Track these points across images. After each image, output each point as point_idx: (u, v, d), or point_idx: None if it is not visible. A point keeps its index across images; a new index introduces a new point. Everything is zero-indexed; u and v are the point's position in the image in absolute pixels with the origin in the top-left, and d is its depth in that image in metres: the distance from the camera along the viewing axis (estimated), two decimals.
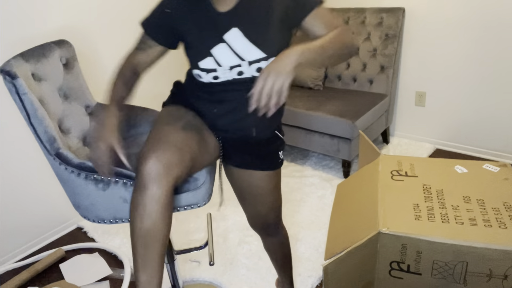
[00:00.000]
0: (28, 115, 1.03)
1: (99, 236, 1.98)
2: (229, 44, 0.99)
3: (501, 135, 2.34)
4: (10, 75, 1.00)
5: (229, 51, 0.99)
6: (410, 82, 2.60)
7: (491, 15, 2.16)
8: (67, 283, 1.64)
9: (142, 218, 0.88)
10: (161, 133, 0.95)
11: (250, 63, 1.00)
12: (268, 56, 0.99)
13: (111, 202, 1.06)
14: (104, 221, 1.10)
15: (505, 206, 1.11)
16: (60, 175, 1.08)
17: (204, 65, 1.01)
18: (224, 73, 1.01)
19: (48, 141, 1.06)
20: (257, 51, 0.99)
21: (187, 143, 0.97)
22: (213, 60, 1.00)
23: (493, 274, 1.01)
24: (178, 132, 0.97)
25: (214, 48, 0.99)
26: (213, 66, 1.00)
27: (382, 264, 1.12)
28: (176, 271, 1.37)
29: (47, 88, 1.16)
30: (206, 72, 1.01)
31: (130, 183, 1.03)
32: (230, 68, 1.00)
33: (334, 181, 2.30)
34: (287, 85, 0.86)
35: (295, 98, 2.45)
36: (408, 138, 2.76)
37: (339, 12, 2.64)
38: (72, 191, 1.08)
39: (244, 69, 1.00)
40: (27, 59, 1.11)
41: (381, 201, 1.19)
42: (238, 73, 1.01)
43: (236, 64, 1.00)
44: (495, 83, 2.27)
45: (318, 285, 1.56)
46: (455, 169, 1.33)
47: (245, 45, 0.99)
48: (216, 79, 1.03)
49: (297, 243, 1.80)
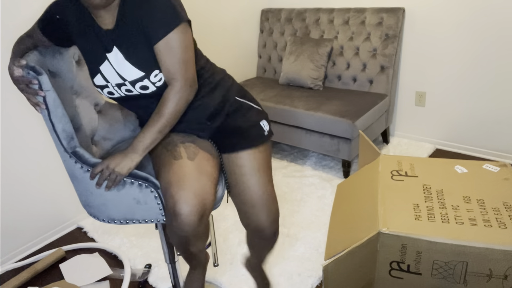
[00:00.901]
0: (48, 112, 1.03)
1: (99, 236, 1.98)
2: (111, 63, 1.04)
3: (501, 135, 2.34)
4: (35, 70, 0.99)
5: (112, 70, 1.04)
6: (410, 82, 2.60)
7: (491, 15, 2.16)
8: (67, 283, 1.64)
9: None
10: (176, 170, 0.99)
11: (131, 83, 1.05)
12: (146, 74, 1.03)
13: (124, 202, 1.07)
14: (115, 221, 1.10)
15: (505, 206, 1.11)
16: (74, 174, 1.08)
17: (97, 82, 1.06)
18: (116, 90, 1.06)
19: (66, 138, 1.06)
20: (136, 71, 1.03)
21: (202, 165, 1.03)
22: (102, 77, 1.05)
23: (493, 274, 1.01)
24: (188, 163, 1.03)
25: (102, 65, 1.05)
26: (103, 82, 1.06)
27: (382, 264, 1.12)
28: (177, 271, 1.37)
29: (61, 85, 1.17)
30: (100, 88, 1.07)
31: (145, 185, 1.04)
32: (116, 85, 1.05)
33: (334, 181, 2.30)
34: (120, 179, 1.02)
35: (295, 98, 2.46)
36: (408, 138, 2.76)
37: (339, 12, 2.65)
38: (85, 190, 1.08)
39: (136, 87, 1.06)
40: (44, 54, 1.11)
41: (381, 201, 1.19)
42: (126, 91, 1.06)
43: (121, 83, 1.05)
44: (495, 83, 2.27)
45: (318, 285, 1.56)
46: (455, 169, 1.33)
47: (124, 66, 1.04)
48: (112, 95, 1.07)
49: (297, 243, 1.80)
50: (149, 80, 1.03)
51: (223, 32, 2.83)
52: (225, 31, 2.85)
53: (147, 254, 1.82)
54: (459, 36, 2.30)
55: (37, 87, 0.99)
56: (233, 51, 2.97)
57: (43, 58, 1.10)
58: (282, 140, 2.50)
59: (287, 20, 2.94)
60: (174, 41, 0.99)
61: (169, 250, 1.31)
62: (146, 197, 1.05)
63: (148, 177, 1.05)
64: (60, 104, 1.04)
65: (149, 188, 1.04)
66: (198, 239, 1.01)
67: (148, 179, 1.04)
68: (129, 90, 1.06)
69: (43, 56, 1.11)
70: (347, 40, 2.61)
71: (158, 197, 1.05)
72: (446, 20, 2.32)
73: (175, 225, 0.95)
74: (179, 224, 0.94)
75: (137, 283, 1.65)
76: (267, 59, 3.10)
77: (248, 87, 2.80)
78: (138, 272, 1.70)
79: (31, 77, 0.98)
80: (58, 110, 1.04)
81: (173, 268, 1.36)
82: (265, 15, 3.07)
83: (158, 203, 1.07)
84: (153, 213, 1.08)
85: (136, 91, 1.06)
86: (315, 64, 2.59)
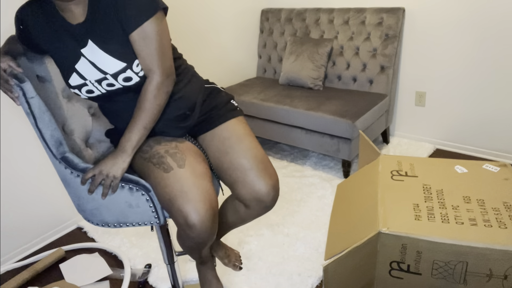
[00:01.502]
0: (35, 119, 1.03)
1: (99, 236, 1.98)
2: (88, 59, 0.99)
3: (501, 135, 2.34)
4: (18, 78, 0.99)
5: (90, 66, 1.00)
6: (410, 82, 2.60)
7: (491, 15, 2.16)
8: (67, 283, 1.64)
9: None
10: (173, 183, 0.97)
11: (114, 76, 1.00)
12: (128, 64, 0.99)
13: (116, 206, 1.07)
14: (108, 225, 1.10)
15: (505, 206, 1.11)
16: (65, 179, 1.08)
17: (72, 82, 1.02)
18: (96, 87, 1.02)
19: (54, 144, 1.06)
20: (116, 62, 0.99)
21: (194, 168, 1.01)
22: (78, 75, 1.01)
23: (493, 274, 1.01)
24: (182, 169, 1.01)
25: (77, 63, 1.00)
26: (81, 81, 1.01)
27: (382, 264, 1.12)
28: (176, 271, 1.37)
29: (51, 89, 1.16)
30: (78, 89, 1.02)
31: (136, 188, 1.04)
32: (96, 81, 1.01)
33: (334, 181, 2.30)
34: (117, 183, 1.01)
35: (295, 98, 2.46)
36: (408, 138, 2.76)
37: (339, 12, 2.65)
38: (77, 195, 1.08)
39: (119, 80, 1.01)
40: (32, 60, 1.11)
41: (381, 201, 1.19)
42: (107, 85, 1.02)
43: (101, 78, 1.00)
44: (495, 83, 2.27)
45: (318, 285, 1.56)
46: (455, 169, 1.33)
47: (103, 59, 0.99)
48: (92, 93, 1.03)
49: (297, 243, 1.80)
50: (131, 70, 0.99)
51: (223, 32, 2.83)
52: (225, 31, 2.85)
53: (147, 254, 1.82)
54: (459, 36, 2.30)
55: (13, 84, 0.99)
56: (233, 51, 2.97)
57: (31, 64, 1.10)
58: (282, 140, 2.50)
59: (287, 20, 2.94)
60: (150, 30, 0.95)
61: (168, 250, 1.31)
62: (138, 200, 1.05)
63: (139, 180, 1.05)
64: (46, 110, 1.03)
65: (140, 191, 1.04)
66: (211, 239, 1.01)
67: (138, 182, 1.04)
68: (111, 84, 1.01)
69: (31, 62, 1.11)
70: (347, 40, 2.61)
71: (150, 200, 1.05)
72: (446, 20, 2.32)
73: (191, 235, 0.95)
74: (195, 233, 0.94)
75: (137, 283, 1.65)
76: (267, 59, 3.10)
77: (248, 87, 2.80)
78: (138, 272, 1.70)
79: (13, 84, 0.99)
80: (45, 116, 1.04)
81: (172, 268, 1.36)
82: (265, 15, 3.07)
83: (151, 206, 1.07)
84: (146, 216, 1.08)
85: (119, 84, 1.01)
86: (315, 64, 2.59)
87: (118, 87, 1.03)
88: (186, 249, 1.08)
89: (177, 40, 2.50)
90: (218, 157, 1.13)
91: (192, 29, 2.59)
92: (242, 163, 1.08)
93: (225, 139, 1.13)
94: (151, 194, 1.05)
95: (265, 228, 1.92)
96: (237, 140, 1.12)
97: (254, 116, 2.58)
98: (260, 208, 1.11)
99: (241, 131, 1.15)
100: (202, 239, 0.96)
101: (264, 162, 1.10)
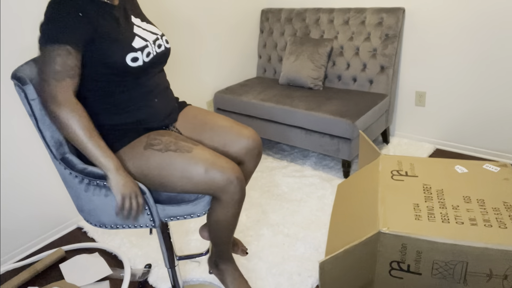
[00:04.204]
0: (36, 120, 1.05)
1: (99, 236, 1.98)
2: (138, 25, 1.16)
3: (501, 135, 2.34)
4: (20, 80, 1.01)
5: (142, 30, 1.15)
6: (410, 82, 2.60)
7: (491, 15, 2.16)
8: (67, 283, 1.64)
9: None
10: (200, 155, 1.08)
11: (161, 36, 1.19)
12: (161, 33, 1.21)
13: (111, 209, 1.07)
14: (106, 226, 1.11)
15: (505, 206, 1.11)
16: (65, 179, 1.09)
17: (137, 44, 1.10)
18: (152, 48, 1.15)
19: (54, 145, 1.07)
20: (155, 28, 1.21)
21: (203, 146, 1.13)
22: (140, 38, 1.12)
23: (493, 274, 1.01)
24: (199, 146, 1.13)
25: (134, 29, 1.14)
26: (143, 43, 1.12)
27: (382, 264, 1.12)
28: (176, 272, 1.37)
29: None
30: (141, 51, 1.10)
31: None
32: (153, 42, 1.15)
33: (334, 181, 2.30)
34: (139, 196, 1.03)
35: (295, 98, 2.46)
36: (408, 138, 2.76)
37: (339, 12, 2.65)
38: (76, 195, 1.09)
39: (163, 41, 1.19)
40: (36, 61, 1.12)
41: (381, 201, 1.19)
42: (158, 46, 1.17)
43: (155, 38, 1.17)
44: (495, 83, 2.27)
45: (318, 285, 1.56)
46: (455, 169, 1.33)
47: (147, 25, 1.19)
48: (149, 56, 1.12)
49: (297, 243, 1.80)
50: (161, 39, 1.19)
51: (223, 32, 2.83)
52: (225, 31, 2.85)
53: (147, 254, 1.82)
54: (459, 36, 2.30)
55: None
56: (233, 51, 2.97)
57: (34, 66, 1.10)
58: (282, 140, 2.50)
59: (287, 20, 2.94)
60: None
61: (169, 254, 1.31)
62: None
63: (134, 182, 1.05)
64: None
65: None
66: (244, 195, 1.14)
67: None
68: (160, 45, 1.17)
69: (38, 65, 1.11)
70: (347, 40, 2.61)
71: (145, 202, 1.06)
72: (446, 20, 2.32)
73: (233, 191, 1.08)
74: (237, 188, 1.07)
75: (137, 283, 1.65)
76: (267, 59, 3.10)
77: (248, 87, 2.80)
78: (138, 272, 1.70)
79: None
80: (46, 118, 1.05)
81: (173, 272, 1.36)
82: (265, 15, 3.07)
83: (146, 208, 1.07)
84: (141, 219, 1.09)
85: (163, 46, 1.19)
86: (315, 64, 2.59)
87: (165, 48, 1.20)
88: (230, 218, 1.16)
89: (177, 40, 2.50)
90: (199, 132, 1.25)
91: (192, 29, 2.59)
92: (223, 124, 1.25)
93: (196, 115, 1.29)
94: (146, 196, 1.05)
95: (265, 228, 1.92)
96: (206, 113, 1.29)
97: (254, 116, 2.58)
98: (253, 157, 1.27)
99: (203, 109, 1.33)
100: (242, 194, 1.10)
101: (242, 124, 1.28)
